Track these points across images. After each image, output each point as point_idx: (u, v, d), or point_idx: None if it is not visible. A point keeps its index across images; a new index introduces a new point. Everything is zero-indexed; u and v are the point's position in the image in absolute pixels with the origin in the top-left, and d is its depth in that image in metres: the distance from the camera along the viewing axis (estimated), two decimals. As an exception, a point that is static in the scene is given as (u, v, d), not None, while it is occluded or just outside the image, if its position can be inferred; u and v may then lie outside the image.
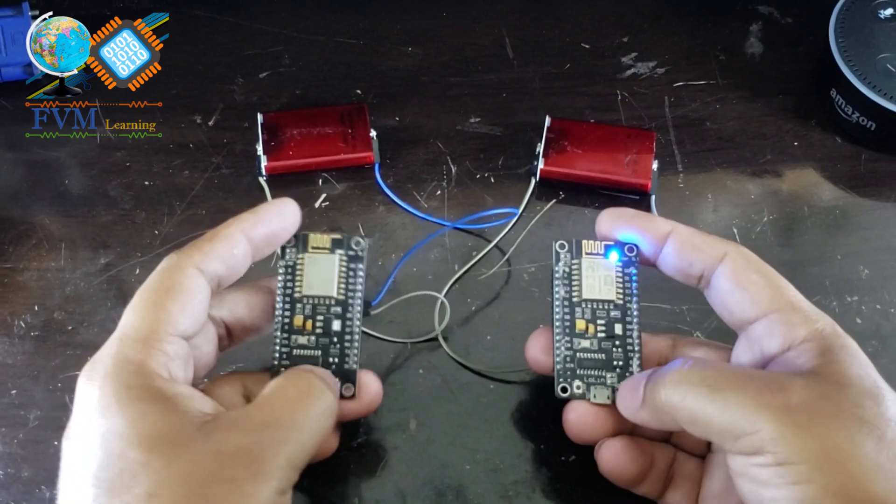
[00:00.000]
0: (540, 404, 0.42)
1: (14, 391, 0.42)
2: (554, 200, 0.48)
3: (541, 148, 0.47)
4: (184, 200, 0.48)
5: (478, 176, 0.49)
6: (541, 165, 0.47)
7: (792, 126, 0.50)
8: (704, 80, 0.52)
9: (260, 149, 0.47)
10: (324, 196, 0.48)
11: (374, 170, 0.48)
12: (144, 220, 0.47)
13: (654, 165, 0.47)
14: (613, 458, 0.36)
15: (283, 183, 0.48)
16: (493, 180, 0.48)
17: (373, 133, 0.48)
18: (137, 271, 0.46)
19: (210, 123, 0.50)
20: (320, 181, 0.48)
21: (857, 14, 0.49)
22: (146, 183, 0.48)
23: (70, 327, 0.44)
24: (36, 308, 0.45)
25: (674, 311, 0.44)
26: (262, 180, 0.48)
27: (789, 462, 0.29)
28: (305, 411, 0.33)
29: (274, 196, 0.47)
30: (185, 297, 0.33)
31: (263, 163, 0.47)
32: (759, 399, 0.30)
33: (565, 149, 0.47)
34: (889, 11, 0.49)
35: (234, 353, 0.42)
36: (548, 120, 0.48)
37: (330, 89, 0.52)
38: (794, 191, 0.48)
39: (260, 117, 0.48)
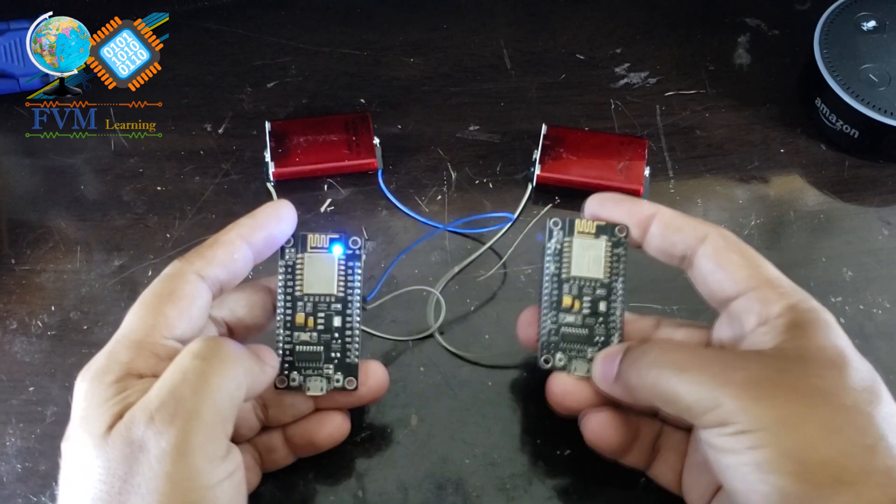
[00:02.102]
0: (536, 400, 0.42)
1: (32, 388, 0.43)
2: (550, 205, 0.48)
3: (537, 154, 0.48)
4: (194, 205, 0.48)
5: (477, 181, 0.49)
6: (537, 171, 0.47)
7: (778, 134, 0.51)
8: (694, 90, 0.52)
9: (268, 155, 0.48)
10: (329, 201, 0.48)
11: (377, 176, 0.48)
12: (157, 224, 0.47)
13: (646, 172, 0.47)
14: (597, 428, 0.37)
15: (290, 188, 0.48)
16: (491, 186, 0.49)
17: (376, 140, 0.48)
18: (150, 273, 0.46)
19: (220, 131, 0.51)
20: (326, 187, 0.49)
21: (841, 26, 0.49)
22: (158, 188, 0.49)
23: (85, 327, 0.44)
24: (52, 308, 0.45)
25: (665, 310, 0.44)
26: (269, 186, 0.48)
27: (748, 430, 0.30)
28: (202, 379, 0.31)
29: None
30: (184, 303, 0.33)
31: (271, 169, 0.47)
32: (721, 377, 0.31)
33: (561, 155, 0.48)
34: (871, 24, 0.49)
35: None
36: (544, 128, 0.48)
37: (335, 98, 0.52)
38: (781, 196, 0.49)
39: (268, 125, 0.48)
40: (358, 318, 0.37)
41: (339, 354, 0.37)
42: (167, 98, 0.51)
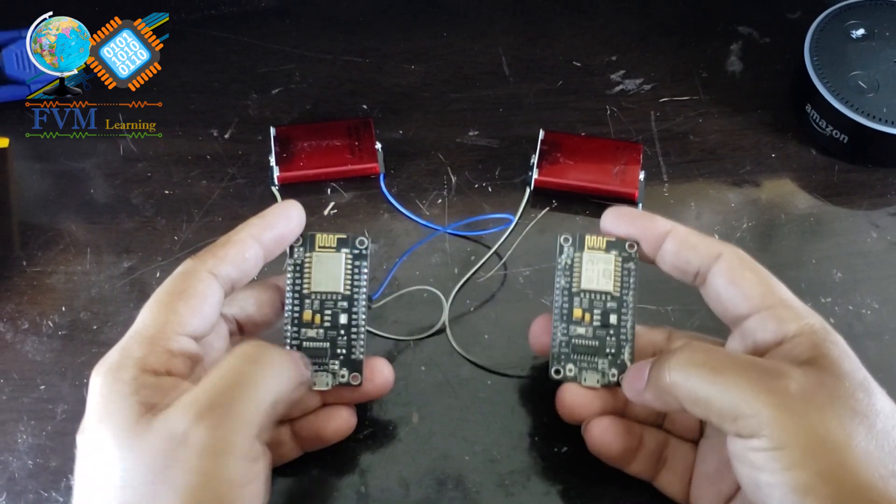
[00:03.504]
0: (535, 399, 0.42)
1: (43, 386, 0.43)
2: (547, 208, 0.48)
3: (535, 159, 0.48)
4: (201, 208, 0.48)
5: (476, 185, 0.49)
6: (535, 175, 0.47)
7: (770, 139, 0.51)
8: (688, 96, 0.53)
9: (272, 160, 0.48)
10: (332, 204, 0.48)
11: (379, 180, 0.48)
12: (165, 227, 0.48)
13: (641, 176, 0.47)
14: (599, 434, 0.37)
15: (294, 192, 0.48)
16: (490, 189, 0.49)
17: (378, 145, 0.49)
18: (158, 274, 0.46)
19: (226, 136, 0.51)
20: (329, 190, 0.49)
21: (831, 34, 0.50)
22: (166, 192, 0.49)
23: (95, 327, 0.45)
24: (63, 309, 0.45)
25: (659, 311, 0.44)
26: (274, 189, 0.48)
27: (784, 447, 0.29)
28: (251, 383, 0.31)
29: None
30: (196, 301, 0.34)
31: (276, 173, 0.48)
32: (759, 384, 0.30)
33: (558, 160, 0.48)
34: (860, 32, 0.50)
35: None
36: (541, 133, 0.49)
37: (338, 104, 0.52)
38: (772, 199, 0.49)
39: (272, 131, 0.49)
40: (364, 316, 0.38)
41: (344, 351, 0.37)
42: (174, 104, 0.51)
